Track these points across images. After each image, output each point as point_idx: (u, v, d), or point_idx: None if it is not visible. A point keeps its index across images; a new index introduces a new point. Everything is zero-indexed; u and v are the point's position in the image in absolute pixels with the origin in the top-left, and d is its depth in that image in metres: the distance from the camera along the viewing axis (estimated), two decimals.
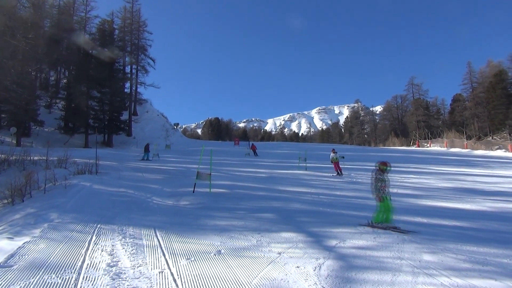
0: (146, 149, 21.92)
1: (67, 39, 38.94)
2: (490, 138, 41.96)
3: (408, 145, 53.90)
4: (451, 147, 40.64)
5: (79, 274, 4.12)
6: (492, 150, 34.78)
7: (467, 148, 37.39)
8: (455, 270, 4.27)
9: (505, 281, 3.93)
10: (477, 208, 8.63)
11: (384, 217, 6.50)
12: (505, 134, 40.98)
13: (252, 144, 30.38)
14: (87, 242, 5.44)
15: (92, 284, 3.85)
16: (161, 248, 5.24)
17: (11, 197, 8.76)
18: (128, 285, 3.86)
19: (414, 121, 63.91)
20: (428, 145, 47.07)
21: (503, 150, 33.87)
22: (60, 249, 5.04)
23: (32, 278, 3.96)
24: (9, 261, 4.48)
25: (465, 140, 40.98)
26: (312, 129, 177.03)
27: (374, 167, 7.03)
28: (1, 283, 3.83)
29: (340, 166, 16.53)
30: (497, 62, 53.48)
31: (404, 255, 4.83)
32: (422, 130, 58.14)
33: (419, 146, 48.42)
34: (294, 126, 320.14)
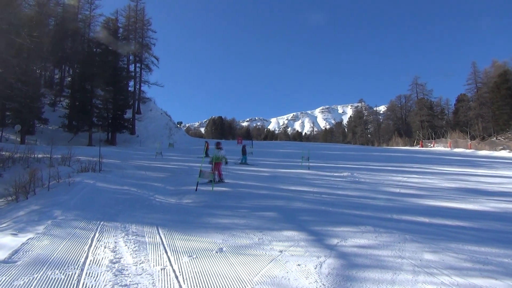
0: (244, 151, 20.36)
1: (72, 38, 39.14)
2: (494, 138, 41.87)
3: (412, 145, 53.87)
4: (455, 147, 40.52)
5: (82, 270, 4.17)
6: (496, 150, 34.65)
7: (471, 149, 37.25)
8: (456, 269, 4.28)
9: (506, 281, 3.94)
10: (480, 209, 8.61)
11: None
12: (509, 135, 40.91)
13: (206, 142, 27.57)
14: (90, 239, 5.48)
15: (95, 280, 3.89)
16: (164, 245, 5.27)
17: (15, 194, 8.83)
18: (130, 281, 3.89)
19: (418, 121, 63.78)
20: (432, 145, 46.97)
21: (507, 150, 33.74)
22: (63, 245, 5.09)
23: (36, 273, 4.01)
24: (13, 257, 4.54)
25: (469, 140, 40.87)
26: (315, 129, 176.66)
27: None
28: (6, 278, 3.87)
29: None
30: (502, 62, 53.33)
31: (405, 254, 4.85)
32: (426, 130, 58.06)
33: (422, 146, 48.33)
34: (297, 126, 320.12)
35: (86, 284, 3.81)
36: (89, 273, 4.09)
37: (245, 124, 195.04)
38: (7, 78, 16.44)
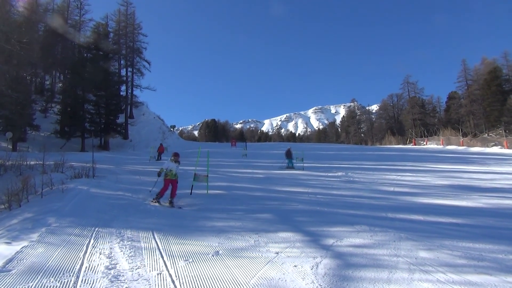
0: (289, 155, 18.39)
1: (62, 43, 38.86)
2: (486, 135, 42.30)
3: (405, 144, 54.24)
4: (447, 144, 40.87)
5: (77, 277, 4.13)
6: (488, 147, 35.01)
7: (463, 146, 37.60)
8: (451, 266, 4.32)
9: (500, 276, 3.98)
10: (473, 205, 8.70)
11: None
12: (500, 131, 41.31)
13: (160, 144, 26.63)
14: (85, 245, 5.44)
15: (91, 287, 3.86)
16: (159, 250, 5.25)
17: (8, 202, 8.72)
18: (126, 287, 3.87)
19: (410, 119, 64.20)
20: (425, 143, 47.33)
21: (499, 146, 34.10)
22: (58, 253, 5.04)
23: (31, 282, 3.97)
24: (7, 265, 4.48)
25: (461, 137, 41.22)
26: (308, 129, 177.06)
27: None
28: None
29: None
30: (492, 59, 53.98)
31: (401, 253, 4.88)
32: (418, 128, 58.45)
33: (415, 144, 48.68)
34: (290, 126, 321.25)
35: None
36: (85, 280, 4.06)
37: (238, 126, 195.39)
38: None
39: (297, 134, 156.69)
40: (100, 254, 5.04)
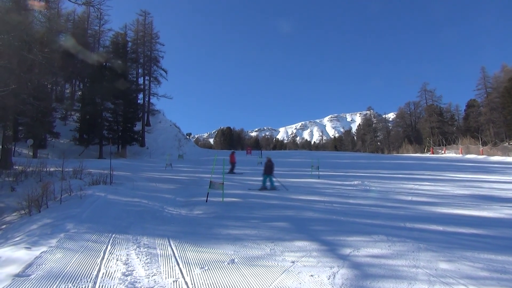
0: (268, 169, 13.65)
1: (82, 52, 39.77)
2: (507, 144, 41.17)
3: (422, 152, 53.23)
4: (467, 153, 40.00)
5: (94, 283, 4.17)
6: (509, 156, 34.06)
7: (483, 154, 36.72)
8: (473, 278, 4.19)
9: None
10: (495, 215, 8.45)
11: None
12: None
13: (232, 152, 23.78)
14: (102, 251, 5.50)
15: None
16: (175, 257, 5.27)
17: (28, 207, 8.93)
18: None
19: (428, 128, 63.18)
20: (443, 151, 46.41)
21: None
22: (76, 258, 5.11)
23: (49, 287, 4.02)
24: (27, 270, 4.56)
25: (480, 146, 40.28)
26: (324, 137, 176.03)
27: None
28: None
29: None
30: None
31: (420, 263, 4.77)
32: (436, 137, 57.41)
33: (433, 153, 47.75)
34: (306, 135, 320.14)
35: None
36: (102, 286, 4.09)
37: (254, 134, 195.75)
38: (19, 93, 16.72)
39: (312, 142, 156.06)
40: (117, 260, 5.09)
